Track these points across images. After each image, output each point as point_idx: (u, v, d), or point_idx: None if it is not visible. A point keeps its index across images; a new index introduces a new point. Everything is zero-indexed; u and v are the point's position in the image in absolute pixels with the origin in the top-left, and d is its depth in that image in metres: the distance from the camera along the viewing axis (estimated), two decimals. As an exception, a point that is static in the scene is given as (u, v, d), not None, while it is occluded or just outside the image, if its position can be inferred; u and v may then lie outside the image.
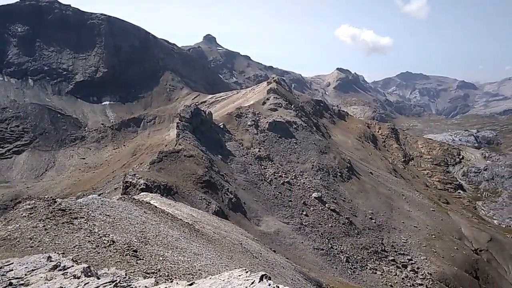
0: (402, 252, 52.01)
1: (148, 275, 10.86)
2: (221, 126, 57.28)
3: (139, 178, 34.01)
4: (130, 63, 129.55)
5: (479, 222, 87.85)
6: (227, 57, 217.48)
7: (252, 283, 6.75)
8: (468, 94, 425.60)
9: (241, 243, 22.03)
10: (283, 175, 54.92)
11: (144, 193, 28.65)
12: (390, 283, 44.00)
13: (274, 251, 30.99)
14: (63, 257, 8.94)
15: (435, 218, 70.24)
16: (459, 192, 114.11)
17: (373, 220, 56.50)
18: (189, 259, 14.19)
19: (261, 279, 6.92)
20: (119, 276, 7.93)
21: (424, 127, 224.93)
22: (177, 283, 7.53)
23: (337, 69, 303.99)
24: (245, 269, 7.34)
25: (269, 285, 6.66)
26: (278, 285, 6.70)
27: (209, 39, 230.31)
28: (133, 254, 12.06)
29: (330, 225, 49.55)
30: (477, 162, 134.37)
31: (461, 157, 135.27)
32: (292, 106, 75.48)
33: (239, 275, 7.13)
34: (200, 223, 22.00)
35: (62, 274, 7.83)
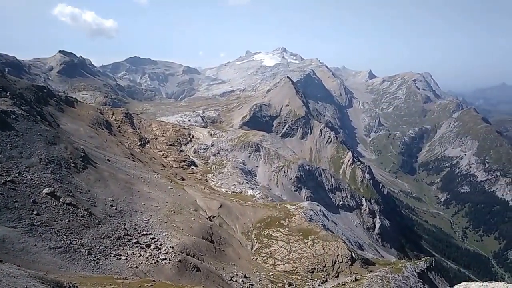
0: (145, 233, 53.27)
1: None
2: None
3: None
4: None
5: (210, 192, 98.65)
6: None
7: None
8: (193, 79, 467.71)
9: None
10: (4, 174, 47.27)
11: None
12: (135, 265, 44.47)
13: (1, 261, 26.67)
14: None
15: (173, 195, 74.82)
16: (192, 168, 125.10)
17: (114, 207, 55.62)
18: None
19: None
20: None
21: (156, 111, 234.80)
22: None
23: (60, 52, 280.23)
24: None
25: None
26: None
27: None
28: None
29: (67, 220, 45.96)
30: (205, 139, 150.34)
31: (191, 136, 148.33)
32: (8, 94, 65.46)
33: None
34: None
35: None
